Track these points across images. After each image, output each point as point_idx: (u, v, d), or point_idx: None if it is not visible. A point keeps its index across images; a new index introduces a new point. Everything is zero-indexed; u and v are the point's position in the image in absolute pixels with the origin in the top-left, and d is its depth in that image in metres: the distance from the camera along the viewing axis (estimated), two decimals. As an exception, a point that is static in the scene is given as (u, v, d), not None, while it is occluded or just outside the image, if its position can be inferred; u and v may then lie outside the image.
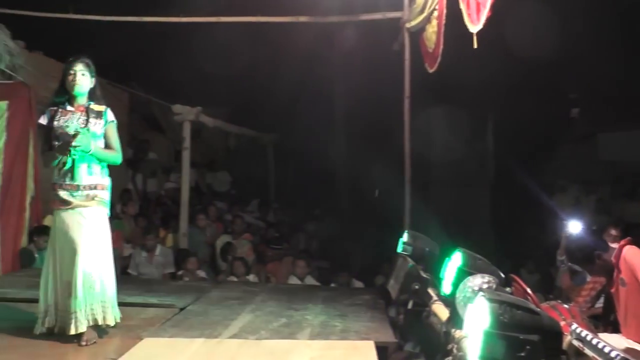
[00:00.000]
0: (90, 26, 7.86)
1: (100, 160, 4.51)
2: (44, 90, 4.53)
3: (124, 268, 8.05)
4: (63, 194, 4.42)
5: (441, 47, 6.28)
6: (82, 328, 4.28)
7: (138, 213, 9.74)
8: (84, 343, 4.28)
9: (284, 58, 9.58)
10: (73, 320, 4.25)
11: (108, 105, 4.63)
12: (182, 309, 5.63)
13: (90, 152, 4.41)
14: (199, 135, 11.30)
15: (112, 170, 4.72)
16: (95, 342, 4.34)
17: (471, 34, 4.77)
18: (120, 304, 4.59)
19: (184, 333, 4.78)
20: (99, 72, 4.68)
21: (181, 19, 8.01)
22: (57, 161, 4.43)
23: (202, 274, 7.98)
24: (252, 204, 12.01)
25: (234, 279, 7.72)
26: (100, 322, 4.40)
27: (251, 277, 7.85)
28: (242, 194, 12.66)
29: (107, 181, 4.60)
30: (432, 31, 6.58)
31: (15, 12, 7.49)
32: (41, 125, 4.53)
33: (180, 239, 8.99)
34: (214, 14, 8.08)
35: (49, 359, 4.10)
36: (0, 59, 6.62)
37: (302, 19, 8.14)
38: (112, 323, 4.50)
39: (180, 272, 7.89)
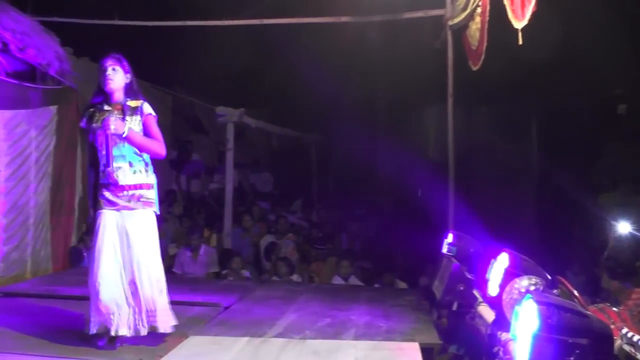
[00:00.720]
0: (134, 31, 7.99)
1: (139, 150, 4.40)
2: (91, 94, 4.68)
3: (169, 267, 8.18)
4: (108, 195, 4.37)
5: (485, 44, 6.21)
6: (123, 332, 4.25)
7: (182, 213, 9.90)
8: (118, 345, 4.27)
9: (326, 58, 9.58)
10: (113, 323, 4.22)
11: (145, 100, 4.52)
12: (226, 308, 5.71)
13: (124, 136, 4.30)
14: (242, 136, 11.40)
15: (158, 172, 4.71)
16: (120, 346, 4.28)
17: (516, 30, 4.70)
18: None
19: (229, 331, 4.83)
20: (143, 76, 4.65)
21: (223, 22, 8.06)
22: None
23: (246, 273, 8.05)
24: (295, 204, 12.06)
25: (277, 279, 7.77)
26: (144, 332, 4.33)
27: (295, 277, 7.89)
28: (285, 194, 12.72)
29: (153, 179, 4.52)
30: (475, 28, 6.51)
31: (64, 20, 7.66)
32: (82, 129, 4.53)
33: (224, 239, 9.10)
34: (257, 16, 8.13)
35: (96, 356, 4.16)
36: (50, 66, 6.77)
37: (344, 19, 8.13)
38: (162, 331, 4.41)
39: (224, 272, 7.97)
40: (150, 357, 4.13)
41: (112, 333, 4.22)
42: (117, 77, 4.39)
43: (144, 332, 4.31)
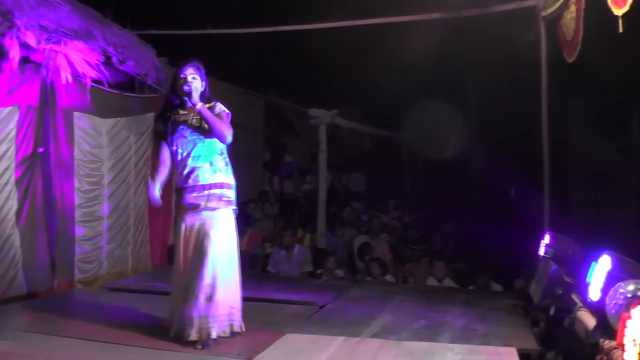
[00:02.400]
0: (226, 39, 8.20)
1: (211, 125, 4.40)
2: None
3: (263, 266, 8.37)
4: (188, 197, 4.44)
5: (581, 34, 5.96)
6: (193, 337, 4.30)
7: (277, 214, 10.08)
8: (199, 347, 4.28)
9: (416, 56, 9.48)
10: (194, 326, 4.30)
11: (218, 101, 4.60)
12: (322, 307, 5.77)
13: (198, 107, 4.38)
14: (334, 138, 11.48)
15: (251, 173, 4.76)
16: (209, 347, 4.30)
17: (615, 17, 4.47)
18: (262, 300, 4.74)
19: (325, 330, 4.87)
20: (236, 81, 4.74)
21: (313, 25, 8.12)
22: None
23: (340, 273, 8.10)
24: (390, 205, 12.02)
25: (371, 279, 7.78)
26: (213, 335, 4.35)
27: (388, 278, 7.87)
28: (377, 194, 12.70)
29: (232, 180, 4.56)
30: (570, 18, 6.25)
31: (159, 33, 7.98)
32: (157, 132, 4.65)
33: (318, 239, 9.19)
34: (346, 17, 8.15)
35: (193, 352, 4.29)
36: (147, 76, 7.06)
37: (435, 15, 8.01)
38: (220, 334, 4.41)
39: (319, 271, 8.05)
40: (247, 354, 4.20)
41: (203, 335, 4.30)
42: (196, 84, 4.48)
43: (226, 332, 4.42)
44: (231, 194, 4.54)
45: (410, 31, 8.88)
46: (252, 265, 8.52)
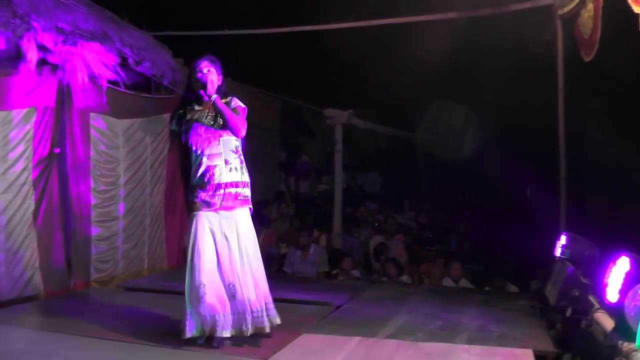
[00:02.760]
0: (242, 39, 8.22)
1: (226, 117, 4.39)
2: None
3: (279, 266, 8.37)
4: (204, 195, 4.39)
5: (599, 32, 5.89)
6: (227, 334, 4.29)
7: (293, 214, 10.09)
8: (215, 345, 4.30)
9: (432, 56, 9.44)
10: (212, 325, 4.28)
11: (234, 96, 4.59)
12: (338, 307, 5.78)
13: (213, 99, 4.36)
14: (350, 138, 11.47)
15: (267, 173, 4.74)
16: (224, 346, 4.31)
17: (634, 15, 4.42)
18: (278, 300, 4.73)
19: (341, 330, 4.87)
20: (252, 81, 4.71)
21: (329, 26, 8.12)
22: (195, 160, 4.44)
23: (356, 273, 8.08)
24: (404, 205, 11.99)
25: (386, 279, 7.76)
26: (246, 332, 4.35)
27: (404, 278, 7.84)
28: (393, 194, 12.67)
29: (247, 178, 4.53)
30: (587, 16, 6.19)
31: (175, 34, 8.02)
32: (171, 131, 4.58)
33: (334, 239, 9.19)
34: (362, 18, 8.14)
35: (209, 352, 4.29)
36: (163, 77, 7.10)
37: (451, 15, 7.97)
38: (248, 333, 4.39)
39: (335, 271, 8.04)
40: (263, 354, 4.21)
41: (218, 334, 4.28)
42: (211, 76, 4.44)
43: (247, 332, 4.36)
44: (247, 192, 4.51)
45: (426, 31, 8.85)
46: (267, 265, 8.51)
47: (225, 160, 4.43)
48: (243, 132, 4.48)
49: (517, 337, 4.72)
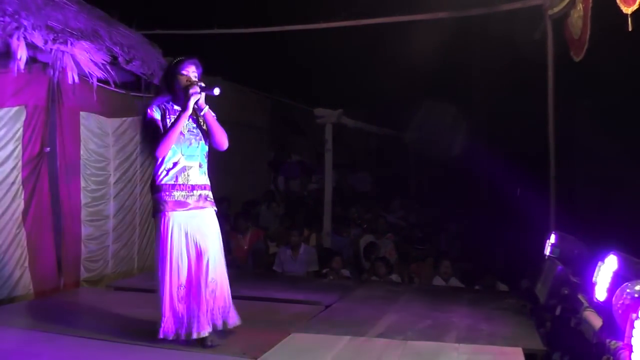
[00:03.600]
0: (233, 39, 8.21)
1: (212, 131, 4.40)
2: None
3: (269, 265, 8.37)
4: (178, 195, 4.34)
5: (588, 32, 5.92)
6: (205, 333, 4.28)
7: (283, 213, 10.08)
8: (209, 344, 4.29)
9: (421, 56, 9.48)
10: (195, 325, 4.26)
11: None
12: (327, 307, 5.77)
13: (203, 112, 4.34)
14: (340, 137, 11.49)
15: (256, 172, 4.71)
16: (218, 344, 4.32)
17: (623, 15, 4.44)
18: (268, 300, 4.73)
19: (331, 330, 4.87)
20: (242, 80, 4.67)
21: (319, 25, 8.10)
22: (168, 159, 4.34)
23: (346, 273, 8.09)
24: (394, 204, 12.01)
25: (376, 279, 7.77)
26: (220, 327, 4.40)
27: (394, 277, 7.86)
28: (383, 193, 12.69)
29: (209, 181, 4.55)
30: (577, 16, 6.23)
31: (166, 32, 8.01)
32: (152, 119, 4.35)
33: (324, 239, 9.20)
34: (352, 17, 8.15)
35: (199, 351, 4.27)
36: (154, 76, 7.08)
37: (441, 14, 7.99)
38: (233, 325, 4.48)
39: (325, 271, 8.05)
40: (253, 353, 4.20)
41: (195, 336, 4.26)
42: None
43: (219, 327, 4.39)
44: (211, 194, 4.55)
45: (416, 31, 8.88)
46: (255, 260, 8.50)
47: (200, 163, 4.45)
48: (226, 146, 4.51)
49: (507, 336, 4.74)
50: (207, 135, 4.48)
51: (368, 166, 13.70)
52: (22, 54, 5.32)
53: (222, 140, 4.47)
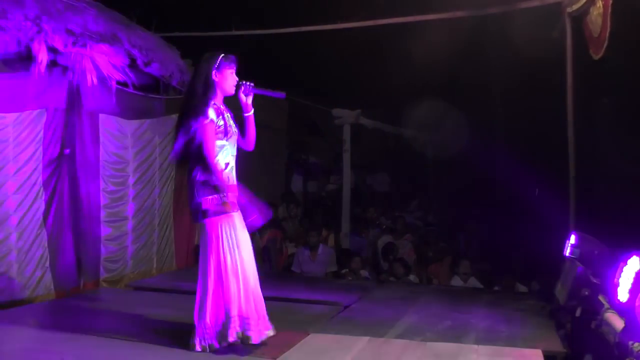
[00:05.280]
0: (250, 39, 8.23)
1: (253, 133, 4.40)
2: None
3: (288, 266, 8.38)
4: (231, 196, 4.24)
5: (608, 30, 5.86)
6: (255, 339, 4.22)
7: (302, 214, 10.09)
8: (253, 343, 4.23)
9: (439, 55, 9.43)
10: (258, 326, 4.24)
11: None
12: (346, 307, 5.78)
13: (249, 115, 4.36)
14: (358, 137, 11.47)
15: (275, 174, 4.69)
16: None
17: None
18: (287, 300, 4.73)
19: (350, 330, 4.88)
20: (259, 82, 4.63)
21: (336, 25, 8.09)
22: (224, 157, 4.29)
23: (364, 273, 8.09)
24: (413, 204, 11.98)
25: (394, 279, 7.75)
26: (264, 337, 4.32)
27: (412, 278, 7.84)
28: (401, 194, 12.65)
29: None
30: (597, 14, 6.17)
31: (184, 35, 8.05)
32: (212, 121, 4.20)
33: (342, 239, 9.19)
34: (370, 17, 8.12)
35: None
36: (172, 77, 7.13)
37: (459, 13, 7.95)
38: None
39: (343, 271, 8.05)
40: (272, 354, 4.21)
41: (262, 338, 4.23)
42: None
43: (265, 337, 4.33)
44: None
45: (434, 30, 8.83)
46: (265, 259, 8.45)
47: (236, 163, 4.40)
48: (253, 146, 4.53)
49: (526, 337, 4.72)
50: (248, 140, 4.46)
51: (386, 166, 13.66)
52: (42, 57, 5.39)
53: (254, 141, 4.47)
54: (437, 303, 6.02)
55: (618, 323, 3.40)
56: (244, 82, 4.36)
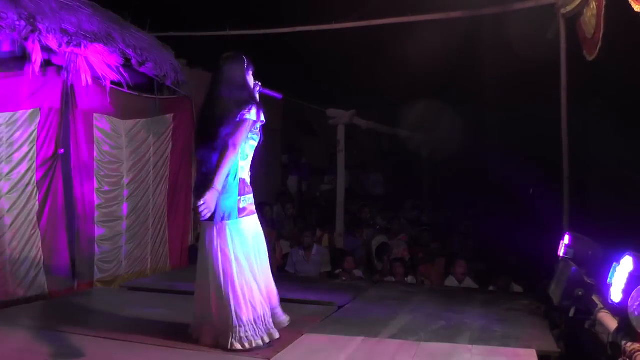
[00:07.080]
0: (244, 39, 8.22)
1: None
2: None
3: (282, 266, 8.38)
4: (251, 197, 4.41)
5: (602, 31, 5.88)
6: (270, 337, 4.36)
7: (297, 214, 10.08)
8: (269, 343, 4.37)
9: (433, 56, 9.44)
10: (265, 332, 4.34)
11: None
12: (340, 307, 5.78)
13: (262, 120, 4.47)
14: (352, 138, 11.47)
15: (269, 174, 4.76)
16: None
17: (636, 14, 4.41)
18: (281, 300, 4.72)
19: (344, 330, 4.88)
20: (254, 81, 4.69)
21: (331, 26, 8.10)
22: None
23: (358, 273, 8.09)
24: (406, 204, 11.98)
25: (392, 279, 7.76)
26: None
27: (409, 279, 7.84)
28: (395, 194, 12.65)
29: None
30: (590, 15, 6.19)
31: (178, 35, 8.05)
32: (250, 122, 4.34)
33: (337, 239, 9.19)
34: (364, 17, 8.13)
35: (211, 351, 4.32)
36: (167, 77, 7.12)
37: (454, 14, 7.96)
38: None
39: (337, 271, 8.05)
40: (266, 354, 4.23)
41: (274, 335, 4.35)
42: None
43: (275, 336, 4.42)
44: None
45: (428, 30, 8.84)
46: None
47: None
48: None
49: (520, 337, 4.72)
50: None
51: (381, 167, 13.66)
52: (37, 57, 5.39)
53: None
54: (432, 303, 6.02)
55: (611, 323, 3.41)
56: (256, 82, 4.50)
